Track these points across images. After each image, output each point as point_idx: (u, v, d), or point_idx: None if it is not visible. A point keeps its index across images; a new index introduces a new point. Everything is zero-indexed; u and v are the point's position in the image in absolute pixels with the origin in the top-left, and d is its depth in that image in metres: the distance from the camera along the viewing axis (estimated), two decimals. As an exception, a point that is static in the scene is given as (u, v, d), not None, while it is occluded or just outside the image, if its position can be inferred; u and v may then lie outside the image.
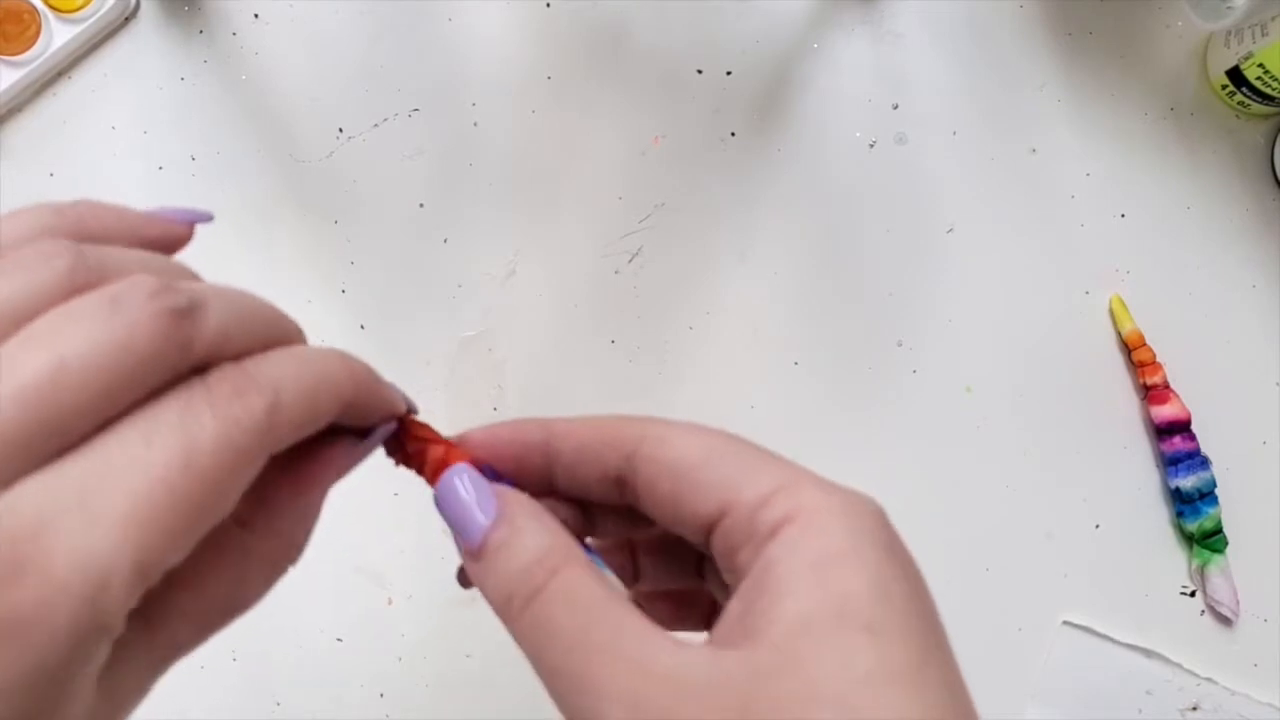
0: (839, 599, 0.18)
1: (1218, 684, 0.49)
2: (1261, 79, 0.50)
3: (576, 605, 0.19)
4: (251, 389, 0.18)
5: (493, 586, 0.20)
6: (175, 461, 0.16)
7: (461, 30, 0.51)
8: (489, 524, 0.21)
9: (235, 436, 0.17)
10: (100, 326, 0.16)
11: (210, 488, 0.17)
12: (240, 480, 0.18)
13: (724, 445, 0.21)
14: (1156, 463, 0.51)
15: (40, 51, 0.48)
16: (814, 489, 0.19)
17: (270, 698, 0.46)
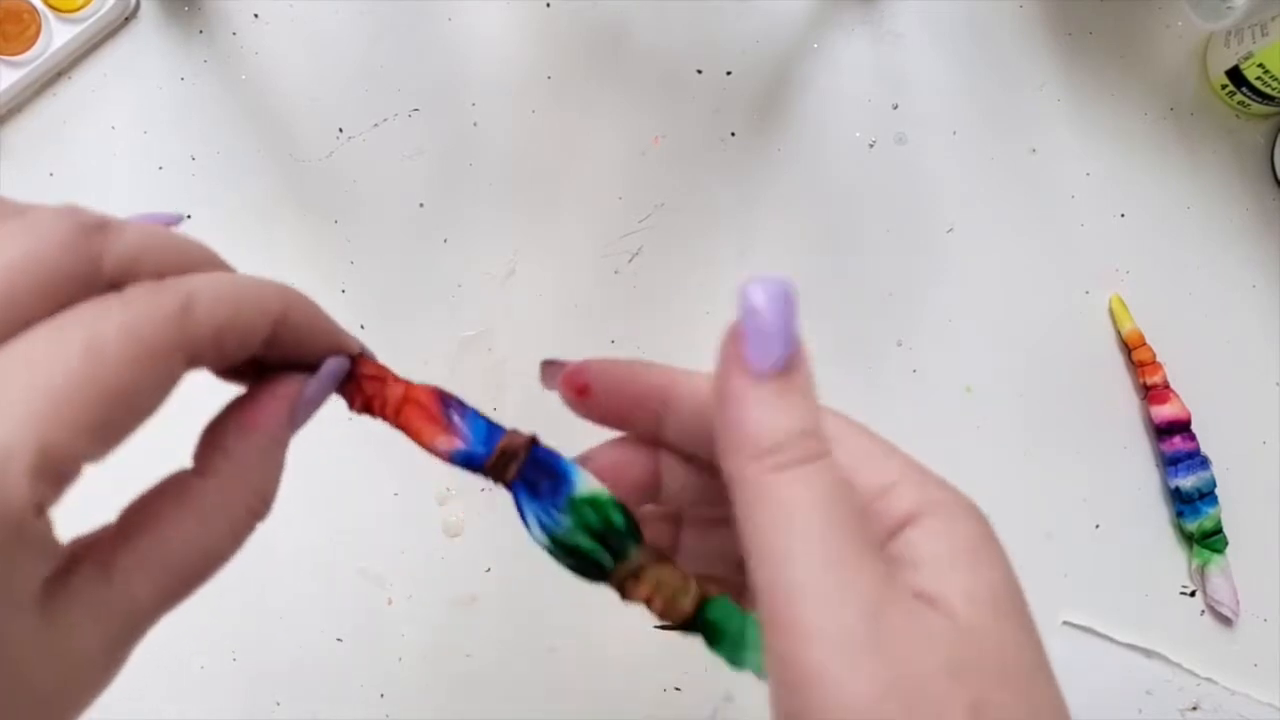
0: (990, 587, 0.19)
1: (1218, 684, 0.49)
2: (1261, 79, 0.50)
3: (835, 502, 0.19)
4: (164, 290, 0.18)
5: (759, 419, 0.19)
6: (78, 349, 0.17)
7: (461, 30, 0.51)
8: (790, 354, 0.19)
9: (142, 328, 0.17)
10: (10, 240, 0.17)
11: (116, 376, 0.17)
12: (152, 375, 0.18)
13: (846, 425, 0.22)
14: (1156, 462, 0.51)
15: (40, 51, 0.48)
16: (937, 484, 0.20)
17: (270, 698, 0.46)
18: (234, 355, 0.20)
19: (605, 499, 0.23)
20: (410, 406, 0.23)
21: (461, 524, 0.48)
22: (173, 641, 0.47)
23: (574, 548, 0.22)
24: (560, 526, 0.22)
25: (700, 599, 0.23)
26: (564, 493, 0.23)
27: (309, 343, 0.22)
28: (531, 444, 0.23)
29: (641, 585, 0.23)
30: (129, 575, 0.19)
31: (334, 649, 0.47)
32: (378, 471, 0.48)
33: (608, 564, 0.23)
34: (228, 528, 0.20)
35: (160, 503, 0.20)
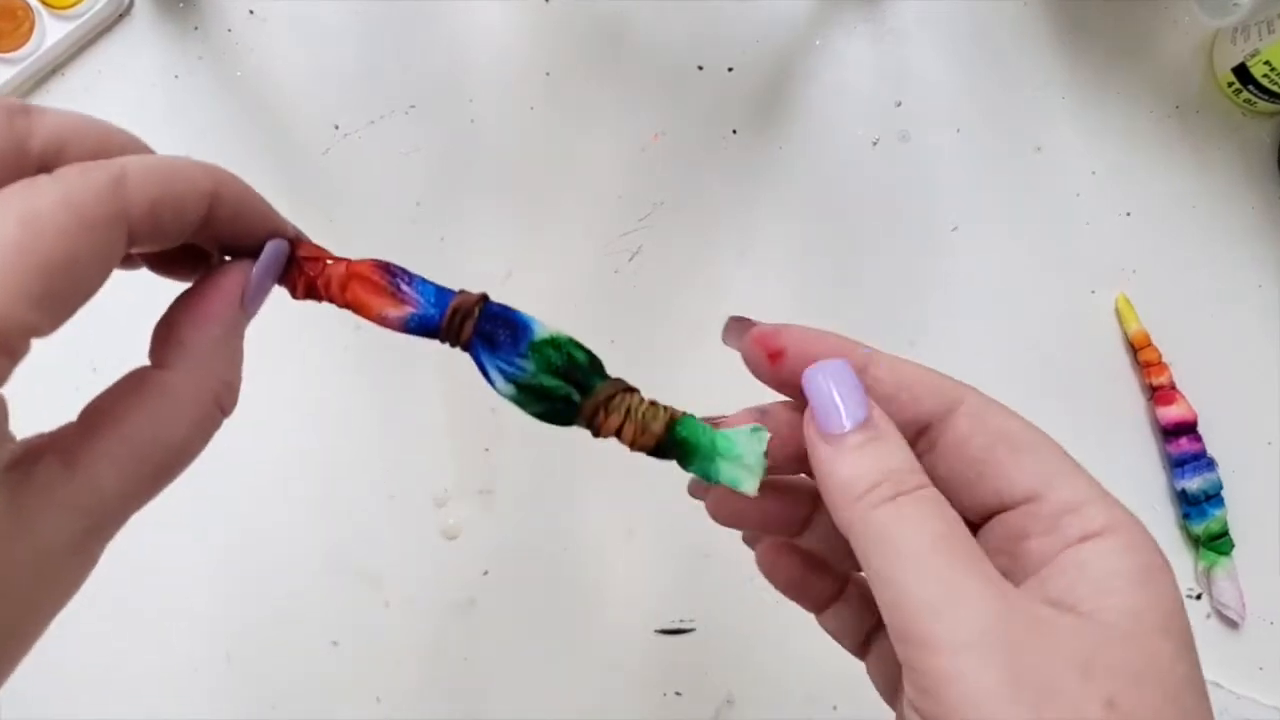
0: (1163, 609, 0.20)
1: (1223, 688, 0.49)
2: (1268, 76, 0.49)
3: (938, 525, 0.21)
4: (96, 166, 0.19)
5: (847, 470, 0.21)
6: (14, 221, 0.17)
7: (459, 26, 0.51)
8: (861, 419, 0.22)
9: (77, 199, 0.18)
10: None
11: (55, 246, 0.17)
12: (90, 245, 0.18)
13: (1045, 440, 0.23)
14: (1162, 464, 0.50)
15: (34, 49, 0.48)
16: (1120, 507, 0.22)
17: (265, 701, 0.46)
18: (171, 232, 0.20)
19: (565, 338, 0.24)
20: (356, 281, 0.23)
21: (459, 527, 0.47)
22: (168, 644, 0.47)
23: (541, 389, 0.23)
24: (524, 372, 0.23)
25: (670, 421, 0.24)
26: (524, 339, 0.23)
27: (245, 223, 0.22)
28: (483, 300, 0.23)
29: (612, 416, 0.24)
30: (93, 467, 0.19)
31: (331, 652, 0.46)
32: (375, 474, 0.47)
33: (576, 399, 0.23)
34: (194, 418, 0.20)
35: (122, 398, 0.20)
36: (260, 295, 0.22)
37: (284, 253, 0.23)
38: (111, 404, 0.20)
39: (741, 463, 0.24)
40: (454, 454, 0.48)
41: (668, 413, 0.24)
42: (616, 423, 0.24)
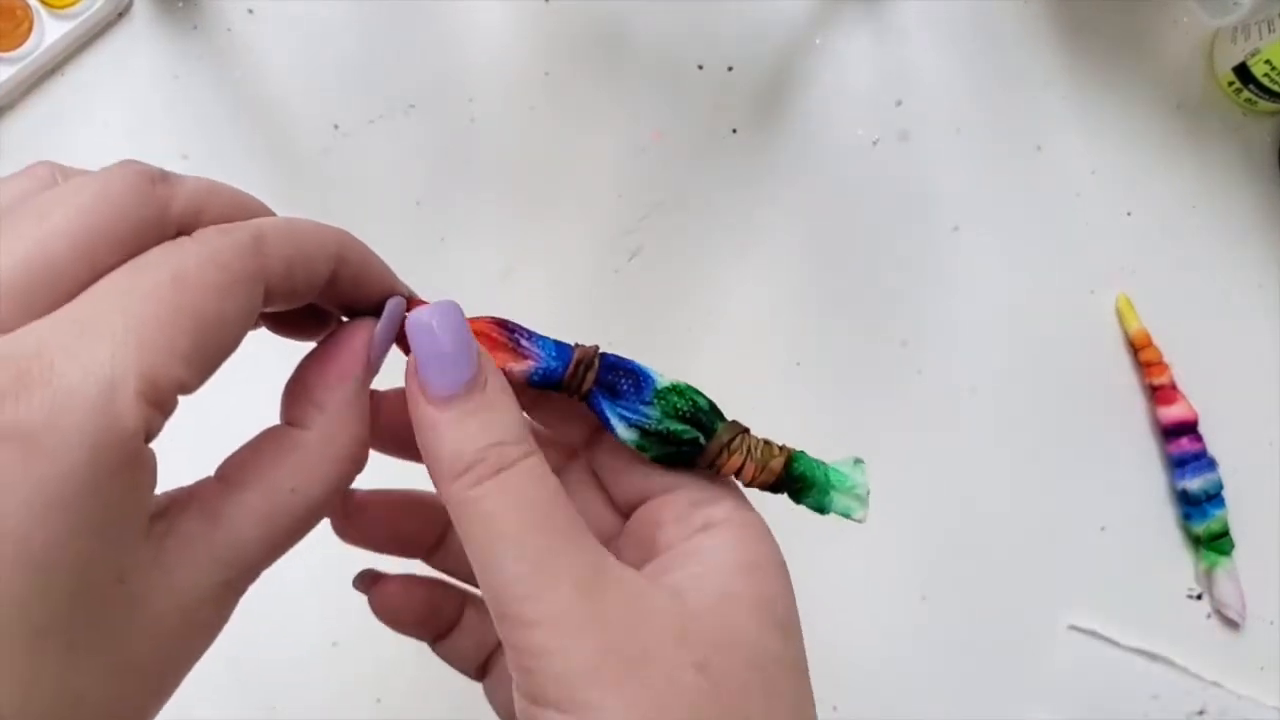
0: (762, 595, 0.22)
1: (1224, 688, 0.49)
2: (1269, 75, 0.49)
3: (537, 501, 0.21)
4: (235, 228, 0.19)
5: (451, 442, 0.21)
6: (166, 280, 0.17)
7: (459, 25, 0.51)
8: (469, 378, 0.21)
9: (223, 257, 0.18)
10: (84, 188, 0.18)
11: (204, 302, 0.18)
12: (235, 302, 0.18)
13: None
14: (1163, 464, 0.50)
15: (32, 48, 0.48)
16: (745, 506, 0.23)
17: (265, 703, 0.46)
18: (302, 290, 0.21)
19: (685, 386, 0.24)
20: (478, 340, 0.23)
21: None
22: (167, 645, 0.47)
23: (667, 434, 0.24)
24: (648, 419, 0.24)
25: (787, 459, 0.25)
26: (648, 387, 0.24)
27: (365, 282, 0.22)
28: (598, 351, 0.24)
29: (734, 456, 0.24)
30: (235, 520, 0.19)
31: (330, 653, 0.46)
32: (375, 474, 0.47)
33: (702, 442, 0.24)
34: (333, 474, 0.21)
35: (262, 454, 0.20)
36: (383, 353, 0.22)
37: (403, 310, 0.23)
38: (253, 460, 0.20)
39: (854, 493, 0.25)
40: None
41: (784, 451, 0.25)
42: (738, 463, 0.24)
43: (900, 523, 0.49)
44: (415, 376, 0.21)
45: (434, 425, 0.21)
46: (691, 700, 0.20)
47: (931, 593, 0.49)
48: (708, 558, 0.22)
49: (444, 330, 0.21)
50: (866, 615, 0.48)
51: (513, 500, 0.20)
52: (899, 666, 0.48)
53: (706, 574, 0.22)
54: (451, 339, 0.21)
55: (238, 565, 0.19)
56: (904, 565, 0.49)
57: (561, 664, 0.19)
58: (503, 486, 0.20)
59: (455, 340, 0.21)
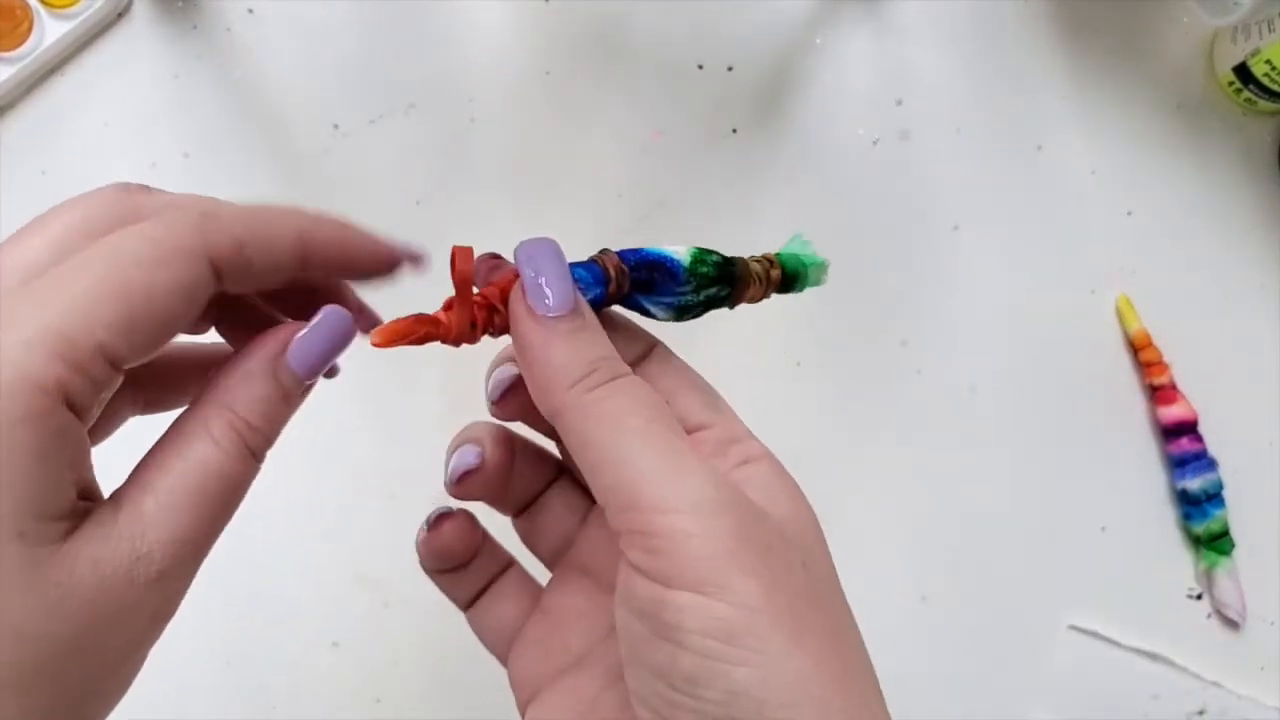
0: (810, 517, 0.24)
1: (1224, 688, 0.49)
2: (1269, 75, 0.49)
3: (656, 406, 0.22)
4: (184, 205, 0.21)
5: (563, 355, 0.22)
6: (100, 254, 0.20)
7: (459, 25, 0.51)
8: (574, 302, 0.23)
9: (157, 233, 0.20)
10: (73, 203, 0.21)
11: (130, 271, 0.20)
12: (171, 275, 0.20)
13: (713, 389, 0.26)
14: (1163, 464, 0.50)
15: (32, 48, 0.48)
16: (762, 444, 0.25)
17: (265, 703, 0.46)
18: (263, 271, 0.22)
19: (700, 252, 0.25)
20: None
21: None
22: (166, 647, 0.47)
23: (702, 303, 0.26)
24: (684, 298, 0.25)
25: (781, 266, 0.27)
26: (679, 271, 0.25)
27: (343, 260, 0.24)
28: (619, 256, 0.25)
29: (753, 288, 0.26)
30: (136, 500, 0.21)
31: (330, 654, 0.46)
32: (375, 474, 0.47)
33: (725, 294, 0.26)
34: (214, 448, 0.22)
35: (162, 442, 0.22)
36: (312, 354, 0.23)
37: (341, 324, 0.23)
38: (154, 449, 0.22)
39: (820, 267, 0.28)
40: (454, 454, 0.47)
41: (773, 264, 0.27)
42: (758, 292, 0.27)
43: (900, 523, 0.49)
44: (523, 300, 0.23)
45: (546, 341, 0.22)
46: (799, 591, 0.21)
47: (931, 593, 0.49)
48: (765, 485, 0.23)
49: (548, 258, 0.23)
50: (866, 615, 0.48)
51: (634, 400, 0.22)
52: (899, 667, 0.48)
53: (772, 499, 0.23)
54: (556, 266, 0.23)
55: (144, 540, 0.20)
56: (904, 566, 0.49)
57: (702, 546, 0.20)
58: (622, 389, 0.22)
59: (559, 268, 0.23)
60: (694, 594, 0.20)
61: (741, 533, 0.21)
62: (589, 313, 0.23)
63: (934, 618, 0.49)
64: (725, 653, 0.20)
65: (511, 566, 0.30)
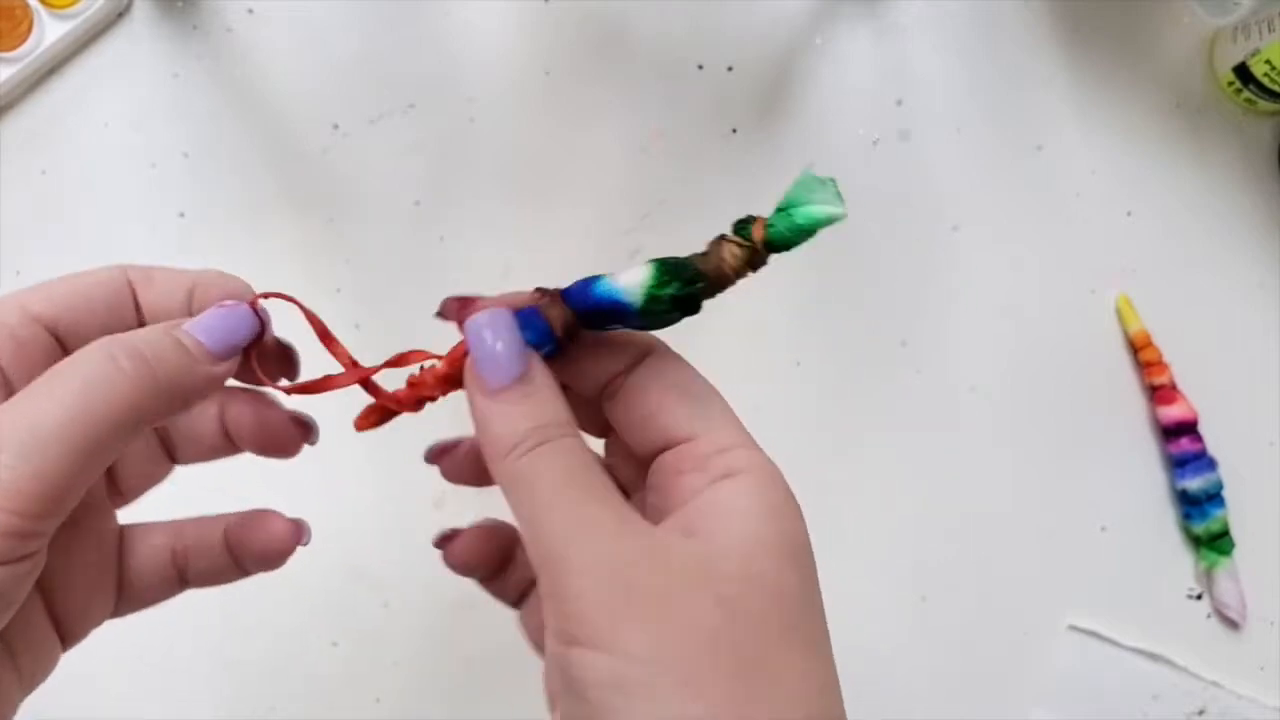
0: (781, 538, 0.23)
1: (1224, 688, 0.49)
2: (1269, 75, 0.49)
3: (572, 468, 0.23)
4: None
5: (501, 426, 0.23)
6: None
7: (459, 25, 0.51)
8: (518, 374, 0.24)
9: None
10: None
11: None
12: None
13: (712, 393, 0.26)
14: (1163, 464, 0.50)
15: (32, 48, 0.48)
16: (762, 455, 0.25)
17: (265, 703, 0.46)
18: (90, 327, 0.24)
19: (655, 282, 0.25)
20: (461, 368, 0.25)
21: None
22: (166, 646, 0.47)
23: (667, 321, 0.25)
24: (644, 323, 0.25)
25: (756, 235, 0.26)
26: (629, 314, 0.25)
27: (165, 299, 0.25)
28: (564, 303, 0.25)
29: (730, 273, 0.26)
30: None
31: (329, 653, 0.46)
32: (374, 475, 0.47)
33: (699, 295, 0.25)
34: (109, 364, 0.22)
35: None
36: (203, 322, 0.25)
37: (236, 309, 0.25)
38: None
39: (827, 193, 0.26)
40: (454, 454, 0.47)
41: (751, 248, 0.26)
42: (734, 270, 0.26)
43: (900, 523, 0.49)
44: (473, 373, 0.24)
45: (488, 414, 0.23)
46: (710, 631, 0.21)
47: (931, 593, 0.49)
48: (730, 504, 0.23)
49: (496, 334, 0.24)
50: (866, 615, 0.48)
51: (549, 466, 0.23)
52: (899, 666, 0.48)
53: (731, 519, 0.23)
54: (503, 342, 0.24)
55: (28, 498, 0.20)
56: (904, 565, 0.49)
57: (590, 603, 0.21)
58: (542, 455, 0.23)
59: (506, 343, 0.24)
60: (588, 650, 0.21)
61: (636, 583, 0.21)
62: (540, 378, 0.24)
63: (934, 618, 0.49)
64: (614, 704, 0.20)
65: None
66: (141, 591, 0.27)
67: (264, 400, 0.28)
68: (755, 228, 0.26)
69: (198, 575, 0.28)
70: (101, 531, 0.27)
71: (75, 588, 0.26)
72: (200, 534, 0.28)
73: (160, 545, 0.27)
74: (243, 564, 0.28)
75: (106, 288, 0.25)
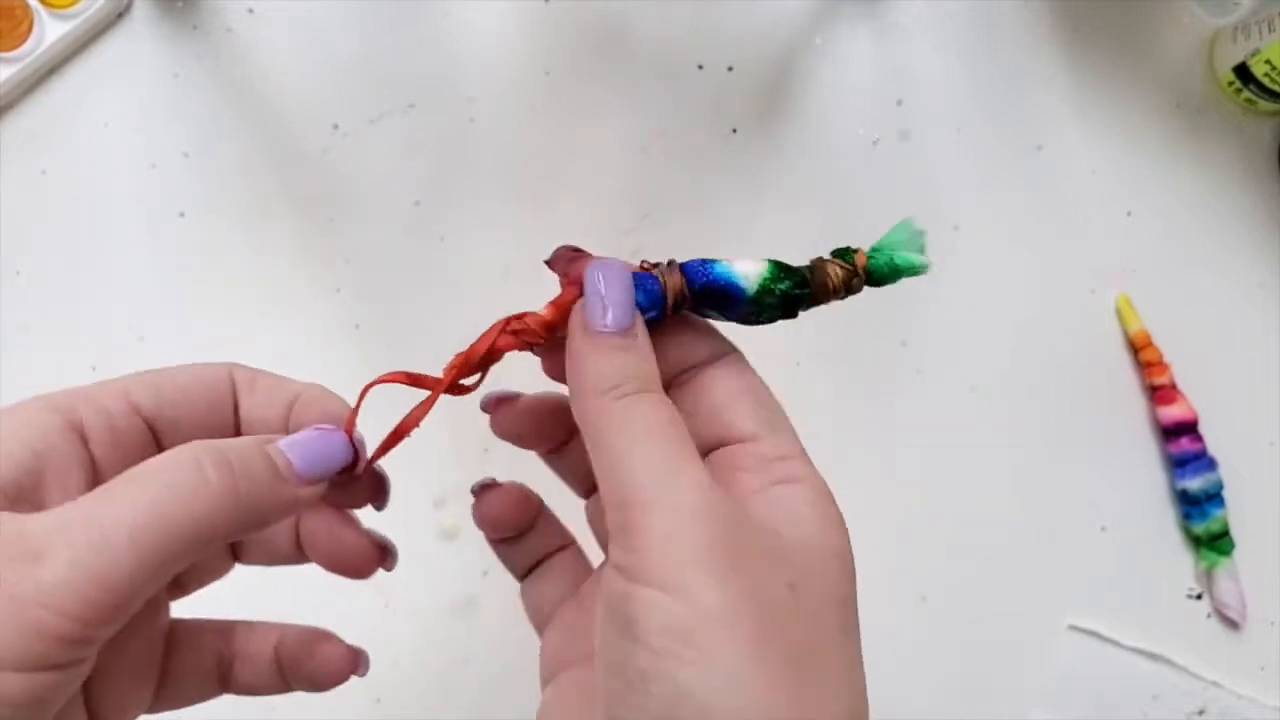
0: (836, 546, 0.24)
1: (1224, 688, 0.49)
2: (1269, 75, 0.49)
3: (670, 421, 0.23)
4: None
5: (602, 366, 0.23)
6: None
7: (459, 25, 0.51)
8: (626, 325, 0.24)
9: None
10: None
11: None
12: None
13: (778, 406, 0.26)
14: (1163, 464, 0.50)
15: (32, 48, 0.48)
16: (812, 467, 0.25)
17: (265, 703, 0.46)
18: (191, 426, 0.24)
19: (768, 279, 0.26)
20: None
21: (458, 527, 0.47)
22: (166, 645, 0.47)
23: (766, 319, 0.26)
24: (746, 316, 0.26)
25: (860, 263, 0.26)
26: (740, 301, 0.26)
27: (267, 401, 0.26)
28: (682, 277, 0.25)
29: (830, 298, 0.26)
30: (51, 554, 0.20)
31: (330, 653, 0.46)
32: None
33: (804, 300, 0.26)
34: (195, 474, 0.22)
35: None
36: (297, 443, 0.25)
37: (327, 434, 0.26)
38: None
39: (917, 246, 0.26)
40: (453, 454, 0.47)
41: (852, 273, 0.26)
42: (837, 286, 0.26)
43: (900, 523, 0.49)
44: (580, 313, 0.24)
45: (590, 352, 0.24)
46: (777, 607, 0.21)
47: (931, 593, 0.49)
48: (793, 508, 0.24)
49: (614, 281, 0.24)
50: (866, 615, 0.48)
51: (647, 414, 0.23)
52: (899, 666, 0.48)
53: (795, 521, 0.23)
54: (619, 290, 0.24)
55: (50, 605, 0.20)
56: (904, 565, 0.49)
57: (672, 547, 0.21)
58: (640, 402, 0.23)
59: (621, 292, 0.24)
60: (657, 591, 0.21)
61: (719, 539, 0.21)
62: (642, 336, 0.24)
63: (934, 618, 0.49)
64: (677, 651, 0.20)
65: (569, 547, 0.31)
66: (180, 693, 0.27)
67: (344, 516, 0.28)
68: (858, 256, 0.26)
69: (240, 685, 0.27)
70: (153, 627, 0.26)
71: (117, 685, 0.25)
72: (250, 642, 0.27)
73: (207, 649, 0.27)
74: (290, 683, 0.28)
75: (210, 388, 0.25)
